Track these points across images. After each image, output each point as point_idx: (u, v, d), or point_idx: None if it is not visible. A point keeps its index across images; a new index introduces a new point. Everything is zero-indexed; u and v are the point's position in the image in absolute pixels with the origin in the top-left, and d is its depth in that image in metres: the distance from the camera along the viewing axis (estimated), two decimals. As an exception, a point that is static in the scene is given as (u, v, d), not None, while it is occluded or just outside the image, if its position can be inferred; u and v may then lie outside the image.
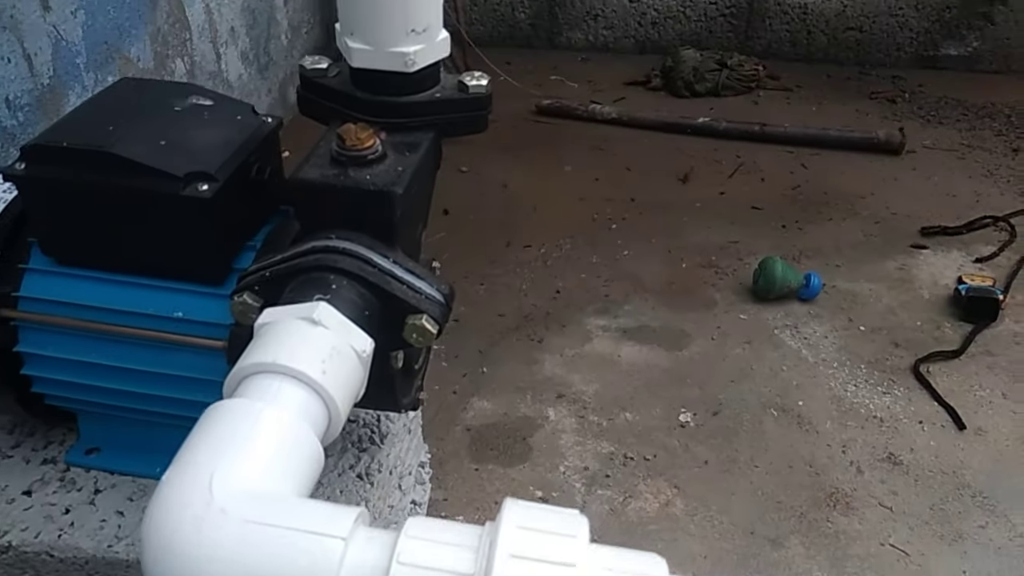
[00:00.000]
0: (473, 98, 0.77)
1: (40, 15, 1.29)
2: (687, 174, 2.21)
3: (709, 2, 2.74)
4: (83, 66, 1.41)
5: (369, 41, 0.71)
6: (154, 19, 1.63)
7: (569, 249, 1.91)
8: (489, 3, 2.84)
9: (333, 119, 0.77)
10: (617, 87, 2.68)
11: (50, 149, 0.73)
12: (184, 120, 0.78)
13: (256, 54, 2.17)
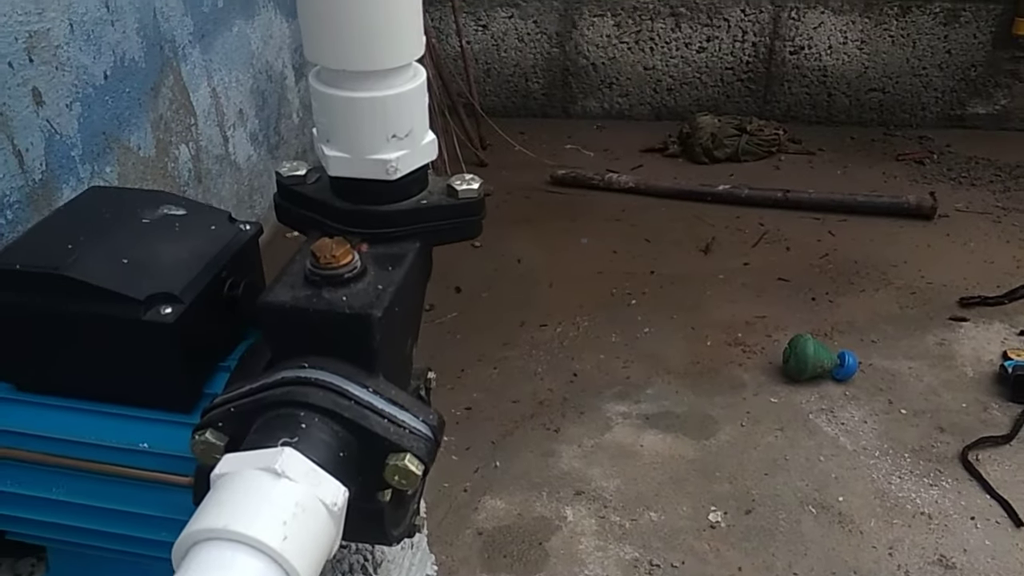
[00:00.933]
0: (464, 204, 0.70)
1: (32, 110, 1.25)
2: (708, 244, 2.13)
3: (726, 67, 2.70)
4: (78, 159, 1.37)
5: (346, 149, 0.65)
6: (156, 106, 1.61)
7: (587, 327, 1.83)
8: (502, 74, 2.82)
9: (312, 229, 0.70)
10: (634, 155, 2.63)
11: (3, 273, 0.67)
12: (152, 233, 0.72)
13: (266, 134, 2.14)
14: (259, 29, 2.06)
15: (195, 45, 1.74)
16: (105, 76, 1.43)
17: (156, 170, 1.62)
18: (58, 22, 1.30)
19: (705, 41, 2.67)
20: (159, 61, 1.61)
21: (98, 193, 0.79)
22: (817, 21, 2.58)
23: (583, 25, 2.70)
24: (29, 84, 1.24)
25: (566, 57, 2.76)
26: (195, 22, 1.74)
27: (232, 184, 1.96)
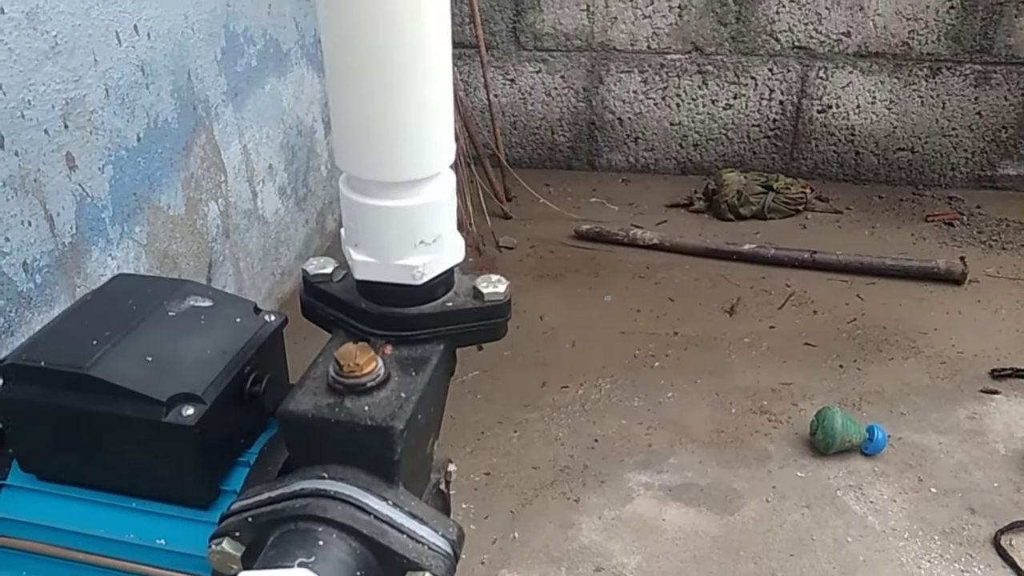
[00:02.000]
0: (490, 307, 0.69)
1: (65, 175, 1.27)
2: (734, 305, 2.10)
3: (752, 124, 2.70)
4: (108, 220, 1.39)
5: (373, 254, 0.64)
6: (187, 165, 1.63)
7: (609, 390, 1.81)
8: (529, 126, 2.84)
9: (336, 328, 0.70)
10: (659, 209, 2.62)
11: (28, 369, 0.67)
12: (177, 327, 0.72)
13: (294, 187, 2.16)
14: (291, 85, 2.09)
15: (228, 104, 1.77)
16: (138, 138, 1.46)
17: (185, 228, 1.64)
18: (94, 88, 1.33)
19: (732, 98, 2.67)
20: (192, 121, 1.63)
21: (125, 282, 0.79)
22: (845, 81, 2.57)
23: (610, 81, 2.71)
24: (63, 150, 1.26)
25: (592, 111, 2.78)
26: (228, 81, 1.77)
27: (259, 238, 1.98)
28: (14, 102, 1.15)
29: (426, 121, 0.60)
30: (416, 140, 0.60)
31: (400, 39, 0.55)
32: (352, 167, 0.62)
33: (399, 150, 0.60)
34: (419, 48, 0.56)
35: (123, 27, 1.39)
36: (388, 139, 0.60)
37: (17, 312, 1.19)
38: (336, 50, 0.57)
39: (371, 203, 0.63)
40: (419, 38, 0.56)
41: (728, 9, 2.55)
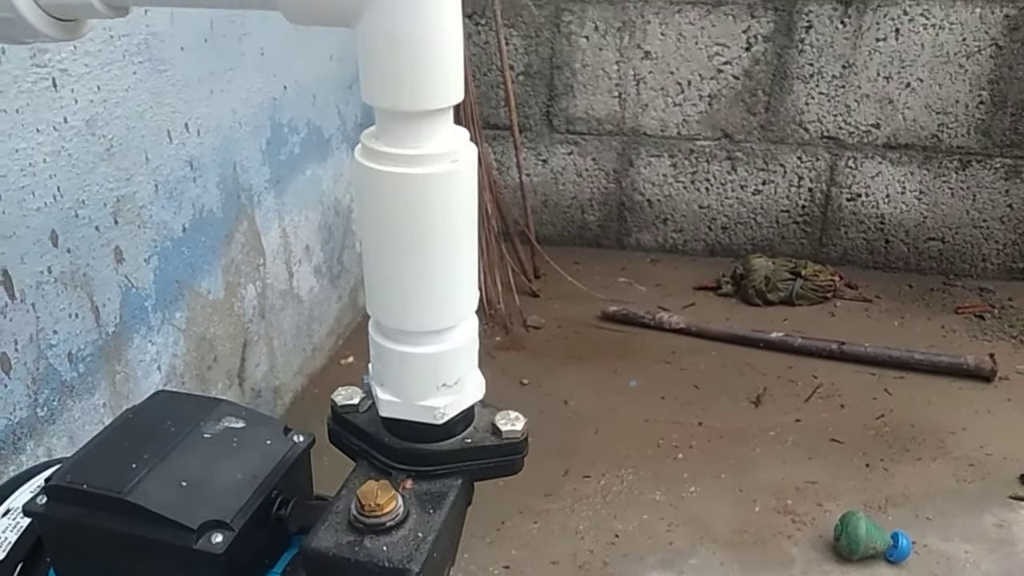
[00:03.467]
0: (507, 444, 0.72)
1: (113, 268, 1.34)
2: (760, 396, 2.10)
3: (781, 210, 2.73)
4: (151, 308, 1.45)
5: (398, 394, 0.68)
6: (228, 251, 1.69)
7: (631, 481, 1.81)
8: (559, 205, 2.90)
9: (360, 458, 0.73)
10: (686, 292, 2.64)
11: (71, 491, 0.71)
12: (211, 450, 0.76)
13: (329, 266, 2.23)
14: (331, 169, 2.17)
15: (270, 191, 1.85)
16: (183, 229, 1.53)
17: (223, 311, 1.69)
18: (144, 184, 1.40)
19: (761, 184, 2.71)
20: (235, 209, 1.71)
21: (165, 399, 0.83)
22: (875, 171, 2.60)
23: (640, 164, 2.77)
24: (112, 244, 1.33)
25: (622, 192, 2.83)
26: (272, 170, 1.85)
27: (293, 316, 2.04)
28: (69, 203, 1.22)
29: (450, 282, 0.64)
30: (440, 297, 0.64)
31: (430, 222, 0.60)
32: (380, 315, 0.66)
33: (424, 305, 0.64)
34: (447, 227, 0.61)
35: (175, 126, 1.47)
36: (414, 296, 0.64)
37: (60, 401, 1.24)
38: (370, 218, 0.62)
39: (397, 348, 0.66)
40: (447, 220, 0.61)
41: (758, 99, 2.60)
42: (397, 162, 0.59)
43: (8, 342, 1.13)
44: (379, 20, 0.55)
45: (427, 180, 0.59)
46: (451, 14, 0.56)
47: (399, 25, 0.55)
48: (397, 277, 0.63)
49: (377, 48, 0.56)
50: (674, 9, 2.55)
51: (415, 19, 0.55)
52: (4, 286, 1.11)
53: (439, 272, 0.63)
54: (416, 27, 0.55)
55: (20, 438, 1.16)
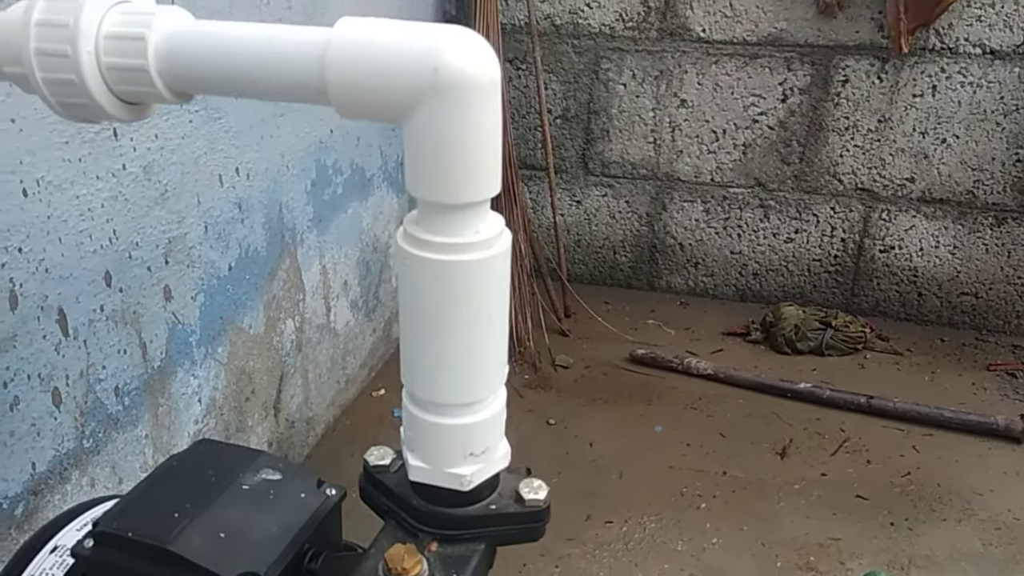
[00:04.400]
0: (530, 512, 0.75)
1: (161, 306, 1.40)
2: (786, 447, 2.11)
3: (813, 259, 2.74)
4: (195, 343, 1.51)
5: (427, 461, 0.72)
6: (271, 288, 1.76)
7: (654, 529, 1.82)
8: (592, 245, 2.93)
9: (389, 517, 0.77)
10: (715, 337, 2.66)
11: (117, 537, 0.75)
12: (249, 502, 0.80)
13: (365, 300, 2.29)
14: (371, 207, 2.24)
15: (312, 230, 1.91)
16: (229, 267, 1.59)
17: (262, 345, 1.75)
18: (195, 226, 1.47)
19: (793, 232, 2.72)
20: (279, 248, 1.77)
21: (206, 448, 0.88)
22: (908, 224, 2.60)
23: (673, 208, 2.80)
24: (162, 283, 1.40)
25: (654, 235, 2.86)
26: (315, 210, 1.91)
27: (329, 349, 2.09)
28: (124, 245, 1.29)
29: (481, 358, 0.68)
30: (471, 373, 0.68)
31: (465, 304, 0.64)
32: (414, 386, 0.70)
33: (456, 380, 0.68)
34: (480, 309, 0.65)
35: (226, 170, 1.54)
36: (447, 371, 0.68)
37: (105, 432, 1.30)
38: (410, 298, 0.66)
39: (428, 418, 0.70)
40: (481, 303, 0.65)
41: (792, 150, 2.62)
42: (437, 249, 0.63)
43: (60, 377, 1.19)
44: (426, 122, 0.59)
45: (464, 266, 0.63)
46: (492, 118, 0.61)
47: (445, 128, 0.59)
48: (432, 352, 0.67)
49: (423, 147, 0.61)
50: (711, 60, 2.59)
51: (459, 123, 0.59)
52: (59, 324, 1.17)
53: (471, 349, 0.67)
54: (460, 130, 0.59)
55: (67, 468, 1.22)
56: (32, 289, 1.11)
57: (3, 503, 1.11)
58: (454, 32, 0.59)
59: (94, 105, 0.65)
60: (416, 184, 0.63)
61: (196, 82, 0.65)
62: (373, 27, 0.60)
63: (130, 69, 0.63)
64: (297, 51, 0.61)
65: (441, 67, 0.57)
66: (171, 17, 0.64)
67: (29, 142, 1.08)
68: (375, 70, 0.59)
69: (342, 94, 0.60)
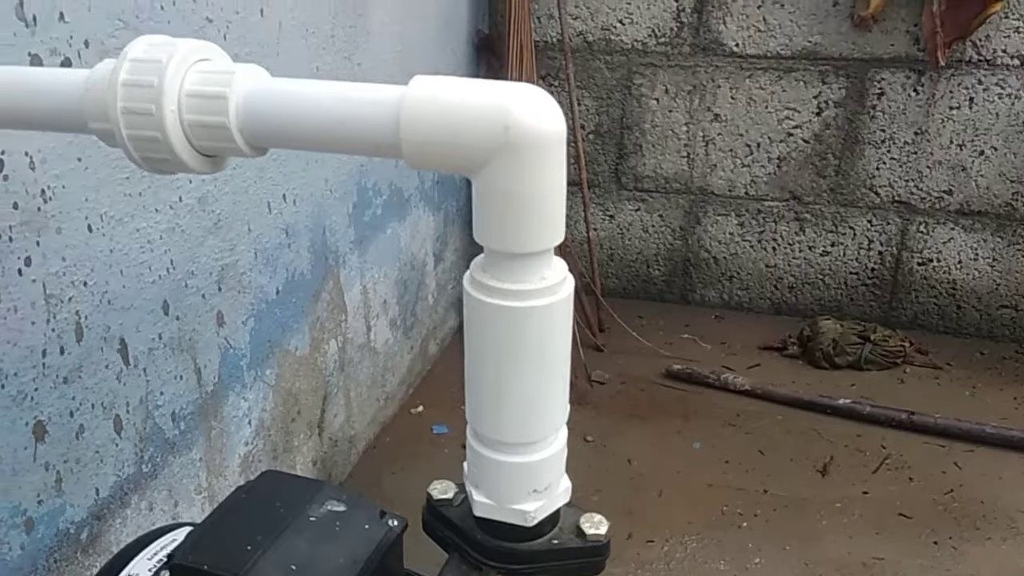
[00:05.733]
0: (591, 547, 0.77)
1: (215, 331, 1.44)
2: (826, 464, 2.10)
3: (850, 272, 2.72)
4: (245, 367, 1.55)
5: (491, 497, 0.74)
6: (315, 310, 1.79)
7: (695, 548, 1.83)
8: (625, 259, 2.94)
9: (452, 550, 0.79)
10: (751, 351, 2.65)
11: (192, 570, 0.78)
12: (316, 533, 0.83)
13: (403, 318, 2.32)
14: (409, 227, 2.27)
15: (354, 251, 1.95)
16: (277, 291, 1.63)
17: (307, 366, 1.79)
18: (246, 253, 1.51)
19: (829, 246, 2.71)
20: (323, 270, 1.81)
21: (272, 480, 0.91)
22: (947, 236, 2.58)
23: (707, 222, 2.80)
24: (215, 309, 1.44)
25: (688, 249, 2.86)
26: (356, 231, 1.95)
27: (369, 368, 2.12)
28: (180, 274, 1.33)
29: (544, 399, 0.70)
30: (535, 412, 0.70)
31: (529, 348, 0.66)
32: (478, 425, 0.73)
33: (520, 419, 0.70)
34: (544, 352, 0.67)
35: (274, 197, 1.58)
36: (512, 411, 0.70)
37: (162, 457, 1.34)
38: (475, 341, 0.68)
39: (492, 456, 0.72)
40: (544, 346, 0.67)
41: (828, 163, 2.62)
42: (503, 296, 0.65)
43: (121, 405, 1.23)
44: (496, 177, 0.62)
45: (531, 312, 0.66)
46: (559, 170, 0.63)
47: (514, 182, 0.61)
48: (497, 393, 0.69)
49: (492, 199, 0.63)
50: (745, 74, 2.59)
51: (528, 177, 0.61)
52: (121, 353, 1.21)
53: (536, 391, 0.69)
54: (528, 184, 0.62)
55: (127, 493, 1.26)
56: (96, 321, 1.15)
57: (70, 528, 1.15)
58: (523, 90, 0.62)
59: (176, 160, 0.68)
60: (484, 234, 0.65)
61: (274, 137, 0.67)
62: (445, 86, 0.62)
63: (212, 126, 0.66)
64: (372, 110, 0.63)
65: (512, 125, 0.60)
66: (249, 75, 0.67)
67: (94, 179, 1.12)
68: (447, 128, 0.61)
69: (415, 150, 0.62)
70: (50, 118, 0.72)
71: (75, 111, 0.69)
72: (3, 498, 1.03)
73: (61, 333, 1.09)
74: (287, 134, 0.67)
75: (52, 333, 1.07)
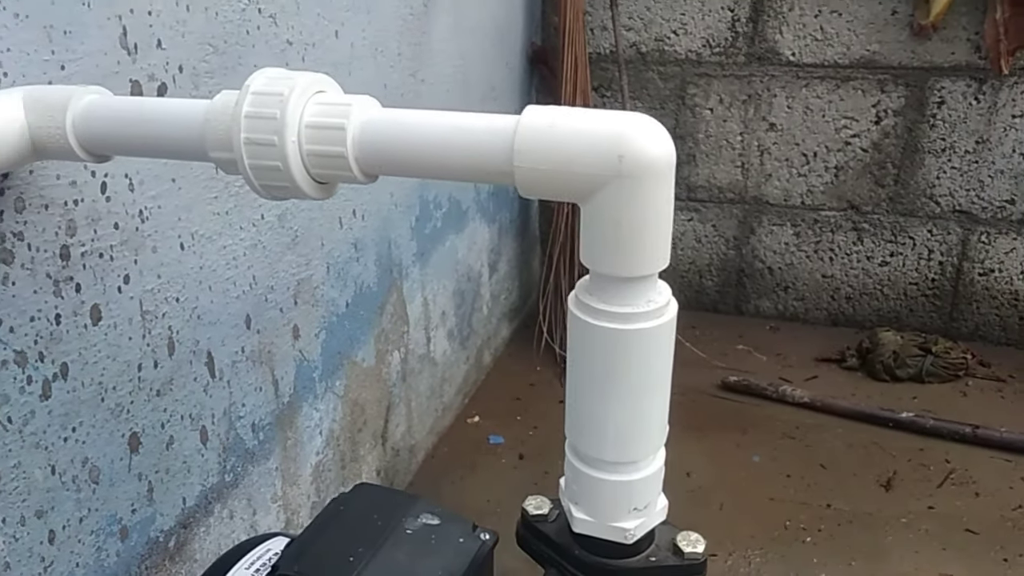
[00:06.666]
0: (688, 565, 0.78)
1: (291, 344, 1.48)
2: (890, 479, 2.07)
3: (909, 282, 2.69)
4: (317, 378, 1.58)
5: (592, 514, 0.75)
6: (380, 322, 1.82)
7: (759, 564, 1.82)
8: (677, 270, 2.94)
9: (549, 565, 0.81)
10: (808, 363, 2.63)
11: (299, 580, 0.81)
12: (414, 546, 0.85)
13: (460, 329, 2.34)
14: (466, 239, 2.30)
15: (416, 264, 1.98)
16: (346, 304, 1.66)
17: (373, 377, 1.82)
18: (319, 268, 1.54)
19: (888, 256, 2.68)
20: (387, 283, 1.84)
21: (367, 493, 0.94)
22: (1009, 246, 2.54)
23: (761, 232, 2.79)
24: (292, 323, 1.47)
25: (742, 259, 2.85)
26: (418, 244, 1.98)
27: (428, 379, 2.15)
28: (261, 289, 1.37)
29: (648, 419, 0.71)
30: (638, 432, 0.71)
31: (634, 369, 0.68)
32: (580, 443, 0.74)
33: (623, 439, 0.72)
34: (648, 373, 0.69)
35: (345, 213, 1.62)
36: (615, 430, 0.71)
37: (243, 467, 1.37)
38: (581, 361, 0.70)
39: (594, 475, 0.74)
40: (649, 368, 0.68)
41: (887, 172, 2.59)
42: (609, 318, 0.67)
43: (208, 416, 1.26)
44: (608, 204, 0.63)
45: (634, 335, 0.67)
46: (668, 198, 0.64)
47: (625, 209, 0.63)
48: (602, 413, 0.71)
49: (601, 225, 0.65)
50: (801, 83, 2.58)
51: (640, 205, 0.63)
52: (207, 366, 1.25)
53: (639, 411, 0.71)
54: (639, 211, 0.63)
55: (210, 502, 1.30)
56: (186, 335, 1.19)
57: (160, 536, 1.19)
58: (636, 120, 0.63)
59: (294, 187, 0.71)
60: (593, 257, 0.67)
61: (388, 166, 0.70)
62: (558, 115, 0.64)
63: (330, 156, 0.69)
64: (486, 139, 0.65)
65: (626, 155, 0.61)
66: (365, 106, 0.70)
67: (186, 199, 1.16)
68: (561, 157, 0.63)
69: (528, 178, 0.64)
70: (172, 147, 0.75)
71: (196, 141, 0.73)
72: (102, 507, 1.07)
73: (155, 348, 1.13)
74: (402, 162, 0.69)
75: (147, 348, 1.12)
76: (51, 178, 0.93)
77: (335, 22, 1.50)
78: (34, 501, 0.96)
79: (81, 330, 1.00)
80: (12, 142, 0.77)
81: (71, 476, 1.01)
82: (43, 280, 0.94)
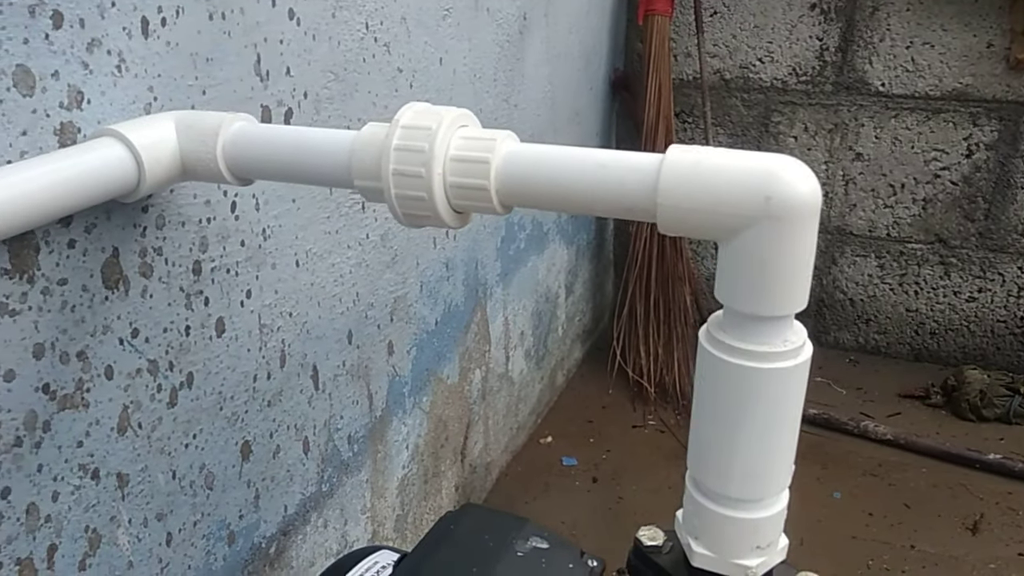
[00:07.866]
0: (807, 605, 0.78)
1: (385, 359, 1.51)
2: (976, 522, 2.01)
3: (997, 320, 2.61)
4: (407, 393, 1.62)
5: (713, 550, 0.76)
6: (464, 340, 1.85)
7: (840, 602, 1.78)
8: (755, 298, 2.90)
9: (662, 599, 0.81)
10: (890, 399, 2.57)
11: (416, 599, 0.83)
12: (525, 569, 0.86)
13: (536, 349, 2.36)
14: (546, 260, 2.32)
15: (499, 284, 2.01)
16: (436, 322, 1.69)
17: (456, 394, 1.85)
18: (413, 286, 1.58)
19: (976, 291, 2.61)
20: (473, 302, 1.87)
21: (474, 513, 0.95)
22: (1110, 287, 2.44)
23: (843, 263, 2.74)
24: (387, 339, 1.51)
25: (822, 289, 2.80)
26: (502, 265, 2.01)
27: (506, 397, 2.17)
28: (363, 306, 1.41)
29: (776, 458, 0.71)
30: (765, 472, 0.72)
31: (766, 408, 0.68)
32: (705, 478, 0.75)
33: (752, 476, 0.72)
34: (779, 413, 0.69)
35: (439, 234, 1.65)
36: (744, 467, 0.71)
37: (338, 478, 1.41)
38: (711, 397, 0.70)
39: (717, 510, 0.74)
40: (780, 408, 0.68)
41: (977, 206, 2.52)
42: (746, 356, 0.67)
43: (310, 427, 1.30)
44: (751, 244, 0.64)
45: (773, 374, 0.68)
46: (812, 239, 0.65)
47: (768, 250, 0.64)
48: (730, 450, 0.71)
49: (743, 264, 0.65)
50: (890, 114, 2.53)
51: (784, 246, 0.64)
52: (312, 379, 1.29)
53: (768, 450, 0.71)
54: (783, 252, 0.64)
55: (308, 511, 1.33)
56: (296, 349, 1.23)
57: (262, 543, 1.23)
58: (783, 161, 0.64)
59: (435, 216, 0.74)
60: (731, 295, 0.67)
61: (528, 199, 0.72)
62: (703, 155, 0.65)
63: (472, 188, 0.71)
64: (629, 176, 0.67)
65: (774, 196, 0.62)
66: (507, 141, 0.72)
67: (303, 219, 1.20)
68: (706, 196, 0.64)
69: (670, 216, 0.66)
70: (316, 174, 0.79)
71: (342, 169, 0.76)
72: (214, 512, 1.11)
73: (269, 360, 1.17)
74: (541, 195, 0.71)
75: (262, 360, 1.16)
76: (188, 197, 0.98)
77: (440, 49, 1.54)
78: (156, 504, 1.01)
79: (207, 342, 1.04)
80: (166, 164, 0.82)
81: (189, 481, 1.06)
82: (177, 293, 0.99)
